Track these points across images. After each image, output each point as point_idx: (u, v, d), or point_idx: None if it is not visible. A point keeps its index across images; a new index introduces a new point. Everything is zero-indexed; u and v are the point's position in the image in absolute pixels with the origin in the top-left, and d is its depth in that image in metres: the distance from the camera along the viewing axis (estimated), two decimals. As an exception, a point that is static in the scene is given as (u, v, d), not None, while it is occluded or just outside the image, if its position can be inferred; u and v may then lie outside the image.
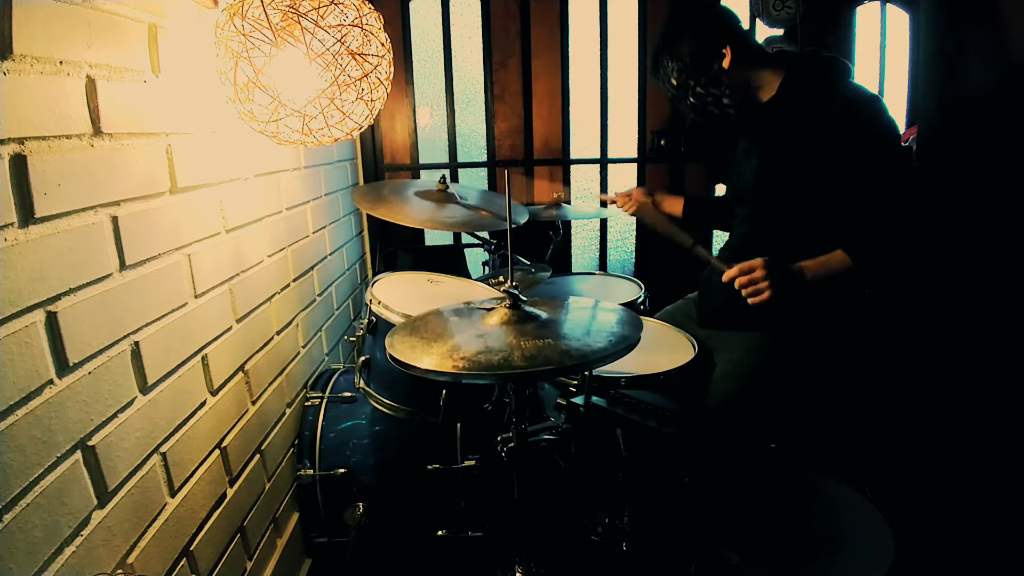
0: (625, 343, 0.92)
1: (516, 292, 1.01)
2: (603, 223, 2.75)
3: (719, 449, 1.31)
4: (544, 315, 1.02)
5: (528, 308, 1.02)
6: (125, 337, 0.92)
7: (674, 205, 1.82)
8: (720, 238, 2.45)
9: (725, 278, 1.29)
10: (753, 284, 1.26)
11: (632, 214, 1.83)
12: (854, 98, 1.31)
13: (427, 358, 0.88)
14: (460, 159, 2.64)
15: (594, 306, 1.12)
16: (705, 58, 1.35)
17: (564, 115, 2.58)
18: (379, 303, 1.37)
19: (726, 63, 1.35)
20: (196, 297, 1.13)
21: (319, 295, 1.87)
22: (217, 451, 1.19)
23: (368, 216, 2.53)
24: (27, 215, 0.74)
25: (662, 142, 2.58)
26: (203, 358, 1.15)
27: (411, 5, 2.47)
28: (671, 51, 1.39)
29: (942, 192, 1.74)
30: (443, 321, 1.05)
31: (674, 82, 1.40)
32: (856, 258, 1.28)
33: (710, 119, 1.43)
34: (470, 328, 0.99)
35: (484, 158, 2.65)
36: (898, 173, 1.29)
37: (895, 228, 1.29)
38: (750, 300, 1.27)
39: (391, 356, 0.91)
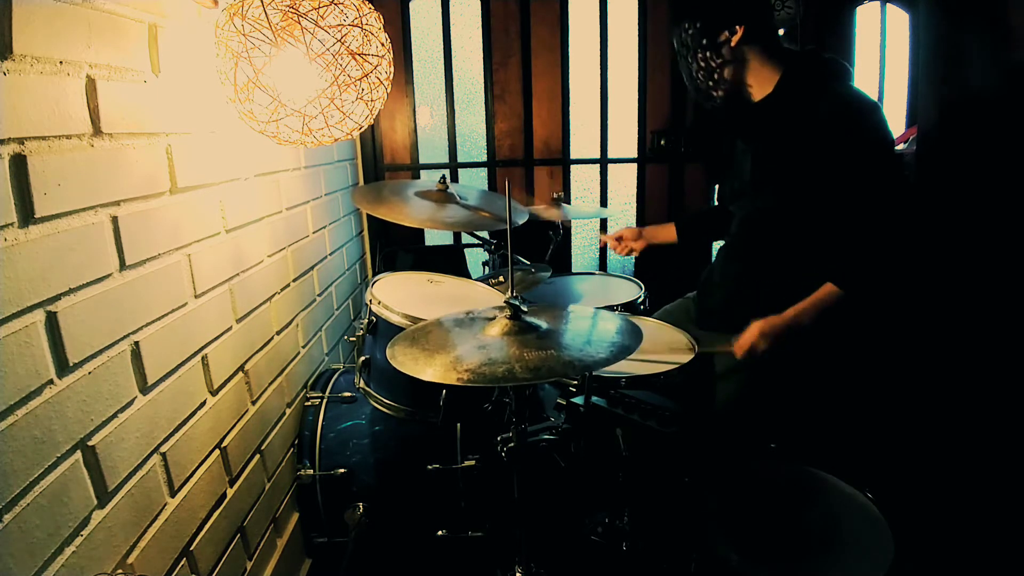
0: (627, 353, 0.92)
1: (517, 303, 1.01)
2: (603, 223, 2.75)
3: (719, 449, 1.31)
4: (545, 325, 1.01)
5: (529, 318, 1.02)
6: (125, 337, 0.92)
7: (667, 232, 1.84)
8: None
9: (737, 356, 1.35)
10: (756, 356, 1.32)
11: (629, 255, 1.88)
12: (848, 101, 1.30)
13: (430, 370, 0.89)
14: (460, 159, 2.64)
15: (594, 315, 1.12)
16: (717, 26, 1.35)
17: (564, 115, 2.58)
18: (379, 303, 1.37)
19: (735, 39, 1.35)
20: (196, 297, 1.13)
21: (319, 295, 1.87)
22: (217, 451, 1.19)
23: (368, 216, 2.53)
24: (27, 215, 0.74)
25: (662, 142, 2.58)
26: (203, 358, 1.15)
27: (411, 5, 2.47)
28: (691, 7, 1.39)
29: (942, 192, 1.74)
30: (444, 332, 1.05)
31: (682, 36, 1.41)
32: (846, 286, 1.28)
33: (696, 88, 1.43)
34: (471, 339, 0.99)
35: (484, 158, 2.65)
36: (887, 182, 1.27)
37: (882, 245, 1.28)
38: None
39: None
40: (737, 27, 1.34)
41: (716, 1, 1.36)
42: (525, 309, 1.02)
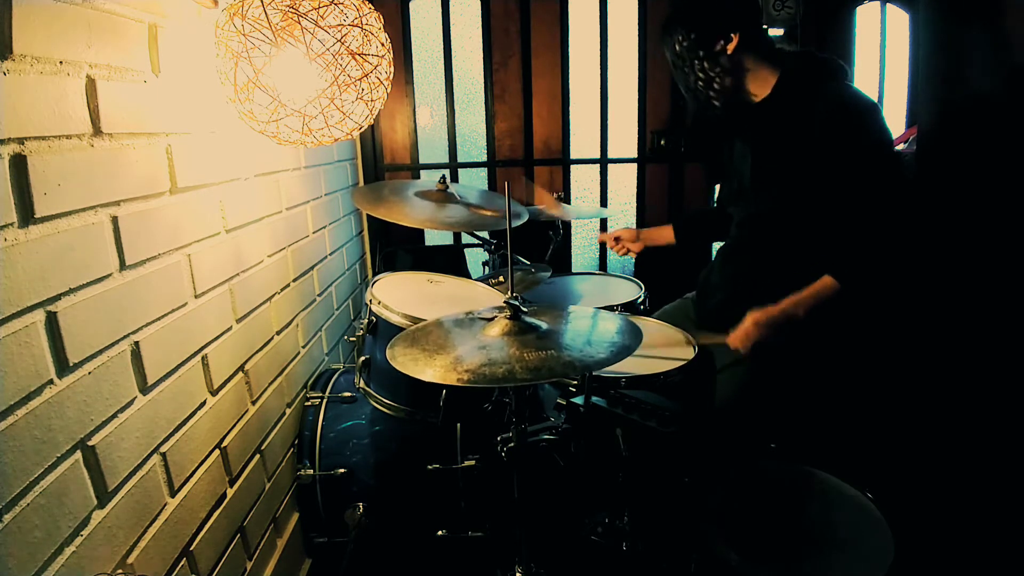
0: (626, 353, 0.92)
1: (517, 303, 1.01)
2: (603, 223, 2.75)
3: (719, 449, 1.31)
4: (545, 325, 1.01)
5: (529, 319, 1.01)
6: (125, 337, 0.92)
7: (665, 234, 1.86)
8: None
9: (732, 347, 1.35)
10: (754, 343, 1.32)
11: (628, 255, 1.91)
12: (845, 102, 1.30)
13: (430, 370, 0.89)
14: (460, 159, 2.64)
15: (594, 315, 1.12)
16: (712, 36, 1.35)
17: (564, 115, 2.58)
18: (379, 303, 1.37)
19: (731, 48, 1.35)
20: (196, 297, 1.13)
21: (319, 295, 1.87)
22: (217, 451, 1.19)
23: (368, 216, 2.53)
24: (27, 215, 0.74)
25: (662, 142, 2.58)
26: (203, 358, 1.15)
27: (411, 5, 2.47)
28: (683, 19, 1.39)
29: (941, 192, 1.73)
30: (444, 332, 1.05)
31: (676, 49, 1.40)
32: (843, 280, 1.29)
33: (696, 99, 1.43)
34: (471, 339, 0.99)
35: (484, 158, 2.65)
36: (884, 181, 1.27)
37: (880, 241, 1.28)
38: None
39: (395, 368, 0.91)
40: (732, 35, 1.34)
41: (710, 12, 1.37)
42: (525, 309, 1.02)
